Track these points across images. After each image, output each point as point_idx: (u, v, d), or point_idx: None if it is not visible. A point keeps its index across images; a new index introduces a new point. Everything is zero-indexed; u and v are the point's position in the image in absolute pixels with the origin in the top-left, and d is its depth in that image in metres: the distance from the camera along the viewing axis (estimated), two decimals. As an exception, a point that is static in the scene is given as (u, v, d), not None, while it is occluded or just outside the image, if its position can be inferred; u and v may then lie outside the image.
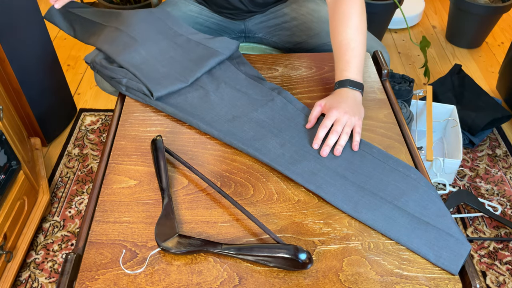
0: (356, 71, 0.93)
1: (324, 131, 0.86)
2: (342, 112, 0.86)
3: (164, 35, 1.08)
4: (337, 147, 0.84)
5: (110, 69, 0.99)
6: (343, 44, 0.94)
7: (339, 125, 0.85)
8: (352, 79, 0.92)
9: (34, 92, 1.60)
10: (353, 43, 0.94)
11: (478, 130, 1.73)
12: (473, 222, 1.51)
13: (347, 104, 0.88)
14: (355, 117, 0.86)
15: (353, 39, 0.94)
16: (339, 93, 0.91)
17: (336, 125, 0.85)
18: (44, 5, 2.63)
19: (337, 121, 0.86)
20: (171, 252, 0.69)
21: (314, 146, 0.85)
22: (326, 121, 0.86)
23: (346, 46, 0.94)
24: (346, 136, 0.85)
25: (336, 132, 0.85)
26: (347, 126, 0.86)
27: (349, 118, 0.86)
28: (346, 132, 0.85)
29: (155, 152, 0.82)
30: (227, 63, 1.04)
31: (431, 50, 2.30)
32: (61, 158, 1.73)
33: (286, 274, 0.68)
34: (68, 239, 1.46)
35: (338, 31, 0.96)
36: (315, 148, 0.85)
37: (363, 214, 0.75)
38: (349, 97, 0.90)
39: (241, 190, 0.80)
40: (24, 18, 1.49)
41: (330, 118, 0.86)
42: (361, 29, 0.96)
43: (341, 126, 0.85)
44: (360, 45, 0.94)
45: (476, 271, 0.72)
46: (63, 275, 0.66)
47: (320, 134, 0.85)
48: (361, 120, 0.88)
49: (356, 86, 0.91)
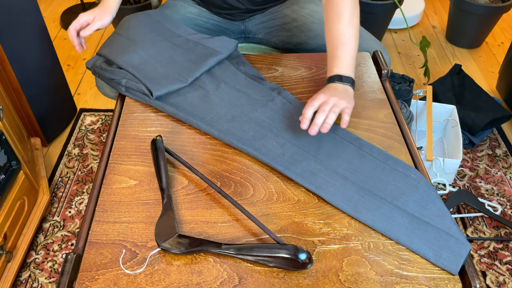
0: (346, 66, 0.93)
1: (312, 110, 0.86)
2: (328, 95, 0.87)
3: (163, 36, 1.08)
4: (324, 124, 0.84)
5: (110, 70, 0.99)
6: (335, 39, 0.95)
7: (327, 105, 0.85)
8: (341, 74, 0.92)
9: (34, 92, 1.60)
10: (344, 38, 0.94)
11: (478, 130, 1.73)
12: (473, 222, 1.51)
13: (336, 92, 0.89)
14: (342, 100, 0.87)
15: (344, 33, 0.95)
16: (328, 87, 0.92)
17: (323, 105, 0.86)
18: (44, 5, 2.63)
19: (324, 103, 0.86)
20: (171, 252, 0.69)
21: (303, 126, 0.85)
22: (313, 101, 0.87)
23: (337, 41, 0.94)
24: (334, 115, 0.85)
25: (323, 111, 0.85)
26: (335, 107, 0.86)
27: (338, 101, 0.86)
28: (334, 111, 0.85)
29: (155, 152, 0.82)
30: (226, 63, 1.04)
31: (431, 50, 2.30)
32: (61, 158, 1.73)
33: (286, 274, 0.68)
34: (68, 239, 1.46)
35: (329, 25, 0.97)
36: (303, 129, 0.85)
37: (363, 214, 0.75)
38: (338, 88, 0.90)
39: (241, 190, 0.80)
40: (24, 18, 1.49)
41: (317, 99, 0.87)
42: (353, 23, 0.96)
43: (328, 106, 0.85)
44: (352, 39, 0.95)
45: (476, 271, 0.72)
46: (63, 275, 0.66)
47: (307, 114, 0.85)
48: (351, 105, 0.88)
49: (345, 81, 0.92)
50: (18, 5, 1.45)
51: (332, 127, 0.89)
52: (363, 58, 1.11)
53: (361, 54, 1.12)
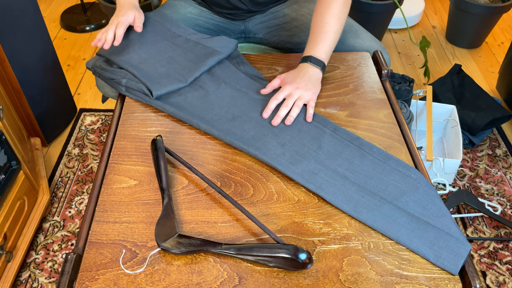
0: (322, 52, 0.98)
1: (275, 103, 0.91)
2: (294, 87, 0.92)
3: (162, 36, 1.08)
4: (288, 117, 0.90)
5: (110, 70, 1.00)
6: (319, 27, 0.99)
7: (291, 99, 0.91)
8: (316, 56, 0.97)
9: (34, 92, 1.60)
10: (329, 28, 0.98)
11: (478, 130, 1.73)
12: (473, 222, 1.51)
13: (302, 80, 0.94)
14: (308, 92, 0.92)
15: (330, 24, 0.98)
16: (300, 68, 0.97)
17: (287, 99, 0.91)
18: (44, 5, 2.63)
19: (289, 96, 0.91)
20: (171, 252, 0.69)
21: (264, 115, 0.90)
22: (278, 95, 0.92)
23: (320, 30, 0.99)
24: (298, 108, 0.90)
25: (286, 106, 0.90)
26: (299, 100, 0.91)
27: (302, 93, 0.91)
28: (298, 105, 0.91)
29: (155, 152, 0.82)
30: (226, 62, 1.04)
31: (431, 50, 2.30)
32: (61, 158, 1.73)
33: (286, 274, 0.68)
34: (68, 239, 1.46)
35: (316, 16, 1.01)
36: (264, 118, 0.90)
37: (363, 214, 0.75)
38: (307, 72, 0.95)
39: (241, 190, 0.80)
40: (24, 18, 1.49)
41: (283, 92, 0.92)
42: (340, 18, 1.00)
43: (292, 100, 0.91)
44: (335, 33, 0.99)
45: (476, 271, 0.72)
46: (63, 275, 0.66)
47: (270, 105, 0.91)
48: (315, 95, 0.94)
49: (317, 63, 0.97)
50: (18, 5, 1.45)
51: (332, 127, 0.89)
52: (363, 58, 1.11)
53: (361, 54, 1.12)
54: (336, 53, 1.12)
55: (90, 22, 2.44)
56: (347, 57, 1.11)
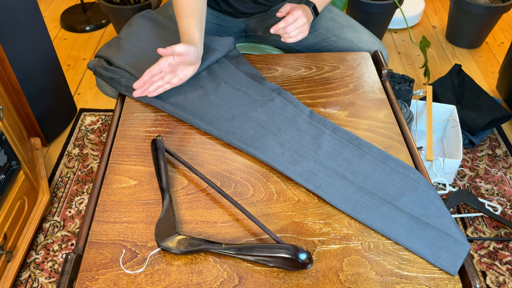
0: (318, 3, 1.12)
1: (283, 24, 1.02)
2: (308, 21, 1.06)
3: (156, 34, 1.09)
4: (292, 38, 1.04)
5: (110, 70, 1.00)
6: None
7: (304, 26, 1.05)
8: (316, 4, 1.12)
9: (34, 92, 1.60)
10: None
11: (478, 130, 1.73)
12: (473, 222, 1.51)
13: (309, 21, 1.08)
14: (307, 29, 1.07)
15: None
16: (306, 10, 1.07)
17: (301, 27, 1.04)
18: (44, 5, 2.63)
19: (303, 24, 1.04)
20: (171, 252, 0.69)
21: (271, 30, 1.02)
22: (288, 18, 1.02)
23: None
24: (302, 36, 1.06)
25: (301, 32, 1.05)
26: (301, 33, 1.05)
27: (307, 28, 1.06)
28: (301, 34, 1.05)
29: (155, 152, 0.82)
30: (226, 62, 1.04)
31: (431, 50, 2.30)
32: (61, 158, 1.73)
33: (286, 274, 0.68)
34: (68, 239, 1.46)
35: None
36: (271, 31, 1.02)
37: (361, 214, 0.75)
38: (310, 16, 1.09)
39: (241, 190, 0.80)
40: (24, 18, 1.49)
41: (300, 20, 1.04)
42: None
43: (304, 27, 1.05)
44: None
45: (476, 271, 0.72)
46: (63, 275, 0.66)
47: (280, 25, 1.02)
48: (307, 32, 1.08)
49: (315, 12, 1.12)
50: (18, 5, 1.45)
51: (332, 127, 0.90)
52: (363, 58, 1.11)
53: (361, 54, 1.12)
54: (336, 53, 1.12)
55: (90, 22, 2.44)
56: (347, 57, 1.11)
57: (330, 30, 1.17)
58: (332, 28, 1.18)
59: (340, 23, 1.19)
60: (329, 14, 1.21)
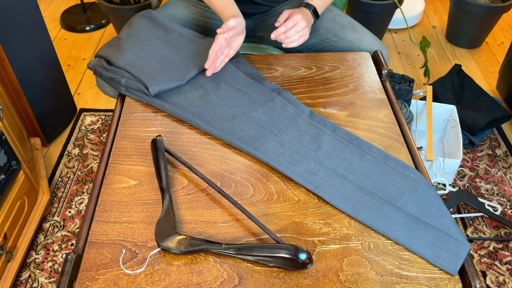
0: (318, 5, 1.13)
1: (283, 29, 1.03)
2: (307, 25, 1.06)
3: (157, 34, 1.09)
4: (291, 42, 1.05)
5: (110, 70, 1.00)
6: None
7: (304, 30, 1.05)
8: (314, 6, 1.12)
9: (34, 92, 1.60)
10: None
11: (478, 130, 1.73)
12: (473, 222, 1.51)
13: (309, 24, 1.08)
14: (308, 33, 1.07)
15: None
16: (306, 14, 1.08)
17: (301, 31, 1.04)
18: (44, 5, 2.63)
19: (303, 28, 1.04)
20: (171, 252, 0.69)
21: (272, 36, 1.03)
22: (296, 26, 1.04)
23: None
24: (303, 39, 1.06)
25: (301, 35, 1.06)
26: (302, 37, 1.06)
27: (307, 32, 1.06)
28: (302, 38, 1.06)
29: (155, 152, 0.82)
30: (227, 62, 1.04)
31: (431, 50, 2.30)
32: (61, 158, 1.73)
33: (286, 274, 0.68)
34: (68, 239, 1.46)
35: None
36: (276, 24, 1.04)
37: (361, 214, 0.75)
38: (310, 19, 1.10)
39: (241, 190, 0.80)
40: (24, 18, 1.49)
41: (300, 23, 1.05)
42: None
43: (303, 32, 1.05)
44: None
45: (476, 271, 0.72)
46: (63, 275, 0.66)
47: (281, 30, 1.03)
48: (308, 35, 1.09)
49: (315, 15, 1.12)
50: (18, 5, 1.45)
51: (332, 127, 0.90)
52: (363, 58, 1.11)
53: (361, 54, 1.12)
54: (336, 53, 1.12)
55: (90, 22, 2.44)
56: (347, 57, 1.11)
57: (331, 31, 1.17)
58: (332, 29, 1.18)
59: (340, 23, 1.19)
60: (330, 14, 1.21)
